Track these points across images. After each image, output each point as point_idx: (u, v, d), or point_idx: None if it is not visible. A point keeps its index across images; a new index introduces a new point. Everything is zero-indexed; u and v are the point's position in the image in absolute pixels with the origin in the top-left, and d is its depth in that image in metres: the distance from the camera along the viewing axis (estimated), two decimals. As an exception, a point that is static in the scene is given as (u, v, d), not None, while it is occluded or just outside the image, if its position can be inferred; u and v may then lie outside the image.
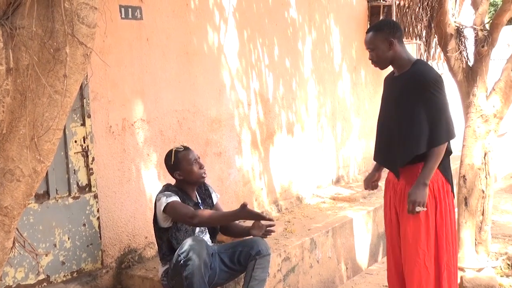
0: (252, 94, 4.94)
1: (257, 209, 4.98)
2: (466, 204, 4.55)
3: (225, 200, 4.59)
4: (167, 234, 3.05)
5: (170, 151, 3.13)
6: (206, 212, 2.93)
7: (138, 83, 3.87)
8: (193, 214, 2.88)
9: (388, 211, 3.24)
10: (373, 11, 6.59)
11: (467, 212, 4.55)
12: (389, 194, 3.21)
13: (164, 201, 2.97)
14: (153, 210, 3.14)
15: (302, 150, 5.64)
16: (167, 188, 3.10)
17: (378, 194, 5.59)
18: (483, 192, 4.59)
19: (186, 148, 3.14)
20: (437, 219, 3.05)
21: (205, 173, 3.14)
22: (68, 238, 3.43)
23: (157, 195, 3.07)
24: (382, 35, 3.04)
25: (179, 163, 3.08)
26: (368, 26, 6.55)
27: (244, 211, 2.82)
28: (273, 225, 2.98)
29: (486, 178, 4.59)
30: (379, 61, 3.09)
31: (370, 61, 3.14)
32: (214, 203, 3.28)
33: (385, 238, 3.37)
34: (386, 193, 3.27)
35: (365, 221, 5.20)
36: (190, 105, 4.29)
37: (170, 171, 3.15)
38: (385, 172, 3.32)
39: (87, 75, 3.32)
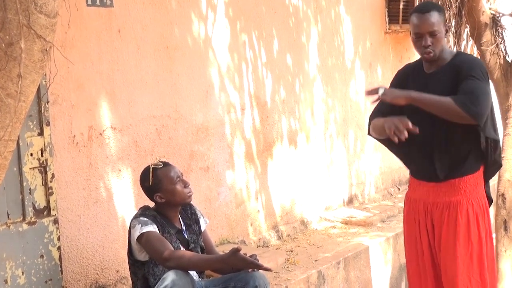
0: (246, 97, 4.95)
1: (252, 236, 4.97)
2: (505, 228, 4.57)
3: (213, 225, 4.58)
4: (143, 270, 3.04)
5: (147, 169, 3.13)
6: (185, 255, 2.92)
7: (107, 84, 3.87)
8: (168, 255, 2.87)
9: (416, 237, 3.20)
10: (392, -3, 6.63)
11: (507, 239, 4.56)
12: (418, 217, 3.19)
13: (138, 229, 2.97)
14: (127, 238, 3.12)
15: (307, 164, 5.64)
16: (143, 212, 3.09)
17: (399, 217, 5.58)
18: (526, 214, 4.60)
19: (166, 164, 3.13)
20: (487, 242, 3.08)
21: (191, 192, 3.14)
22: (22, 273, 3.40)
23: (132, 220, 3.06)
24: (443, 17, 3.04)
25: (159, 183, 3.07)
26: (386, 15, 6.60)
27: (234, 257, 2.82)
28: (270, 270, 3.01)
29: (530, 197, 4.60)
30: (437, 49, 3.03)
31: (423, 48, 3.02)
32: (202, 230, 3.27)
33: (407, 271, 3.36)
34: (410, 216, 3.24)
35: (384, 250, 5.19)
36: (171, 110, 4.29)
37: (148, 194, 3.14)
38: None
39: (46, 75, 3.32)
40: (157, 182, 3.07)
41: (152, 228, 2.98)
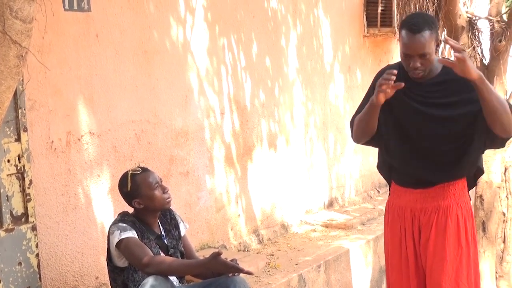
0: (225, 101, 4.95)
1: (233, 240, 4.97)
2: (484, 229, 4.62)
3: (193, 230, 4.57)
4: (123, 276, 3.03)
5: (125, 175, 3.11)
6: (165, 260, 2.92)
7: (85, 89, 3.85)
8: (148, 261, 2.86)
9: (401, 245, 3.16)
10: (370, 0, 6.68)
11: (486, 240, 4.61)
12: (404, 224, 3.14)
13: (117, 235, 2.95)
14: (106, 244, 3.11)
15: (287, 167, 5.65)
16: (122, 218, 3.08)
17: (379, 219, 5.61)
18: (504, 215, 4.66)
19: (145, 170, 3.12)
20: (473, 245, 3.10)
21: (170, 198, 3.13)
22: (0, 281, 3.37)
23: (110, 226, 3.04)
24: (435, 33, 2.87)
25: (137, 188, 3.06)
26: (365, 18, 6.64)
27: (215, 262, 2.82)
28: (251, 274, 3.02)
29: (507, 198, 4.66)
30: (427, 69, 2.90)
31: (412, 69, 2.88)
32: (182, 235, 3.27)
33: (387, 279, 3.34)
34: (395, 224, 3.20)
35: (364, 253, 5.22)
36: (150, 114, 4.28)
37: (126, 200, 3.13)
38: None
39: (22, 80, 3.29)
40: (135, 188, 3.06)
41: (131, 234, 2.97)
